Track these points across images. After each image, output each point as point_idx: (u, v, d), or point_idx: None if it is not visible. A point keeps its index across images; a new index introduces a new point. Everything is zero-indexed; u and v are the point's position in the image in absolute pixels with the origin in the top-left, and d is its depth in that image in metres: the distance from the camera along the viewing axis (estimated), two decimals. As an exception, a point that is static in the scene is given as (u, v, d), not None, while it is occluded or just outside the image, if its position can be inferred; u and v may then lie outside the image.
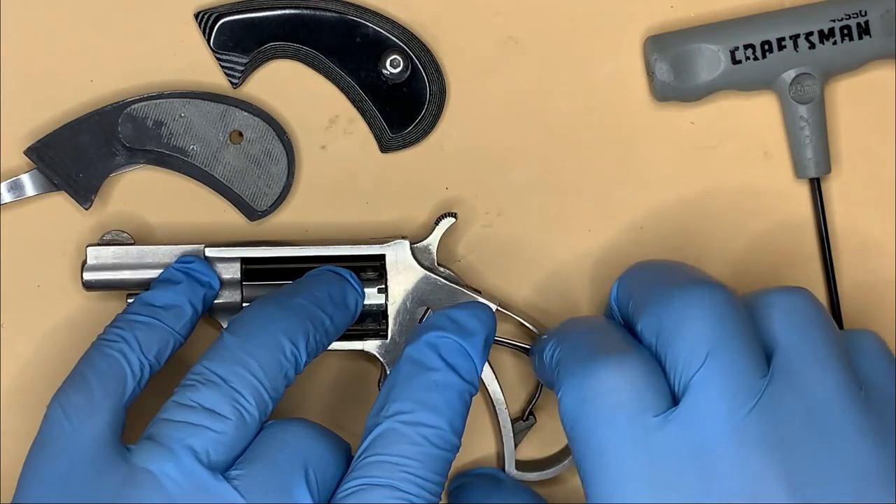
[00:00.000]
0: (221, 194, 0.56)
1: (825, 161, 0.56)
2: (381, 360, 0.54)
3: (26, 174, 0.55)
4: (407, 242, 0.54)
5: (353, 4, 0.56)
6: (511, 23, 0.57)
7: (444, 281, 0.54)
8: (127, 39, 0.56)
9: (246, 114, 0.55)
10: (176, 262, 0.52)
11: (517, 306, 0.56)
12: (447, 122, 0.57)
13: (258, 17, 0.56)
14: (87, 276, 0.53)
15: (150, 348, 0.49)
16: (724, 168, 0.57)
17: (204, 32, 0.56)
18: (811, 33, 0.55)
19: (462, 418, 0.47)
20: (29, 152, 0.55)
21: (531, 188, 0.57)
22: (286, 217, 0.56)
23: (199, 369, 0.47)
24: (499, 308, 0.54)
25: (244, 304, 0.52)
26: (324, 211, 0.56)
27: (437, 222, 0.54)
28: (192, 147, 0.55)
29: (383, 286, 0.53)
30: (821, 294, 0.57)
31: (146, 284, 0.52)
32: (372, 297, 0.53)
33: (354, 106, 0.56)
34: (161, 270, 0.52)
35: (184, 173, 0.56)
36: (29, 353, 0.56)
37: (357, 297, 0.52)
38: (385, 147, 0.56)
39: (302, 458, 0.46)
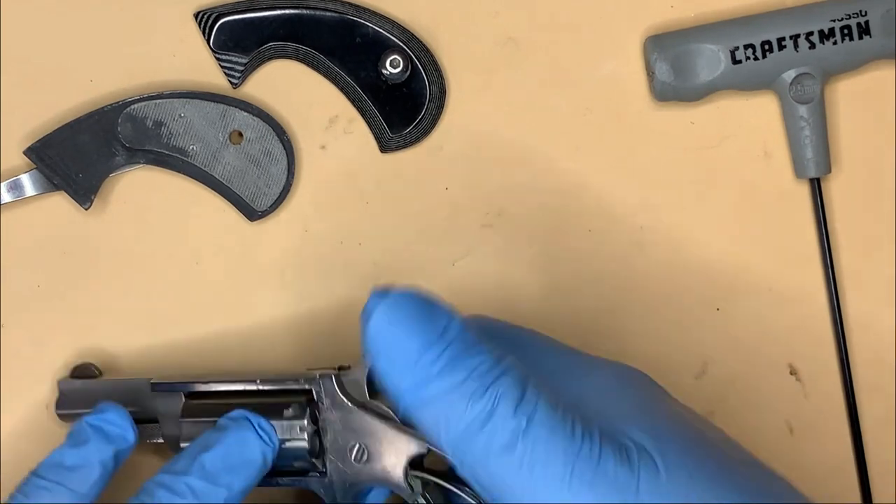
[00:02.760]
0: (221, 194, 0.56)
1: (825, 161, 0.56)
2: (323, 497, 0.51)
3: (26, 174, 0.55)
4: (335, 376, 0.51)
5: (353, 4, 0.56)
6: (511, 23, 0.57)
7: (371, 417, 0.50)
8: (127, 39, 0.56)
9: (246, 114, 0.55)
10: (91, 413, 0.50)
11: (517, 307, 0.56)
12: (447, 122, 0.57)
13: (258, 17, 0.56)
14: (59, 411, 0.53)
15: None
16: (724, 168, 0.57)
17: (204, 32, 0.56)
18: (811, 33, 0.55)
19: None
20: (29, 152, 0.55)
21: (531, 188, 0.56)
22: (286, 217, 0.56)
23: None
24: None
25: (181, 443, 0.51)
26: (324, 211, 0.56)
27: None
28: (191, 147, 0.55)
29: (305, 423, 0.50)
30: (821, 293, 0.57)
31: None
32: (295, 436, 0.50)
33: (354, 106, 0.56)
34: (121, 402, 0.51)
35: (184, 173, 0.56)
36: (29, 353, 0.56)
37: (265, 449, 0.50)
38: (385, 147, 0.56)
39: None
